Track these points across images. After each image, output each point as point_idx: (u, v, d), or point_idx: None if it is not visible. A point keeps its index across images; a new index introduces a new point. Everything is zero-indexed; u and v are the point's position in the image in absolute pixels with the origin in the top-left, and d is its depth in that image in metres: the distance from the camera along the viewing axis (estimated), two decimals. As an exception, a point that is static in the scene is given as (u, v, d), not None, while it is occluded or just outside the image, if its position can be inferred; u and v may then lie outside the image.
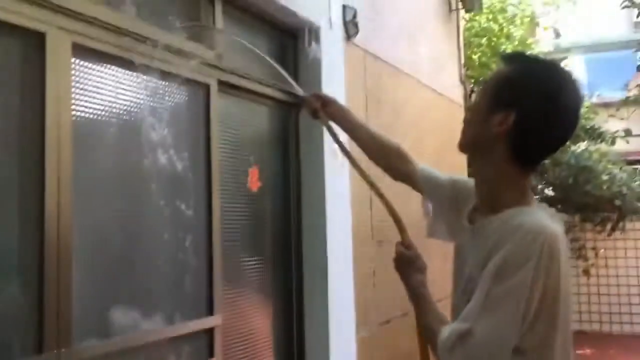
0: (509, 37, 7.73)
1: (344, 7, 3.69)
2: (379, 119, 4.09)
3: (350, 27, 3.72)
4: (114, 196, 2.23)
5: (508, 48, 7.37)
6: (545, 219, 1.34)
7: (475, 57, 8.20)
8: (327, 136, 3.29)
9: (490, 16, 7.57)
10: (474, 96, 4.87)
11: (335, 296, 3.29)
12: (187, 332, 2.47)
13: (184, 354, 2.48)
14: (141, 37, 2.33)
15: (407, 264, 1.58)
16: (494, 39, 7.46)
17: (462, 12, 6.30)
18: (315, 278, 3.28)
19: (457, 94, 5.93)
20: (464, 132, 1.49)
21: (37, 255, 1.89)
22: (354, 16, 3.73)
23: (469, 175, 1.61)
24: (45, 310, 1.88)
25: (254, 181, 3.00)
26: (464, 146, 1.50)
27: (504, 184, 1.41)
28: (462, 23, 6.58)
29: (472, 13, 6.13)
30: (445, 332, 1.34)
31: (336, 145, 1.95)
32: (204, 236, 2.60)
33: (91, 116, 2.15)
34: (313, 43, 3.31)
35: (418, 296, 1.52)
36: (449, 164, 4.97)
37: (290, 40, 3.41)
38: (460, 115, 5.94)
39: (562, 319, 1.31)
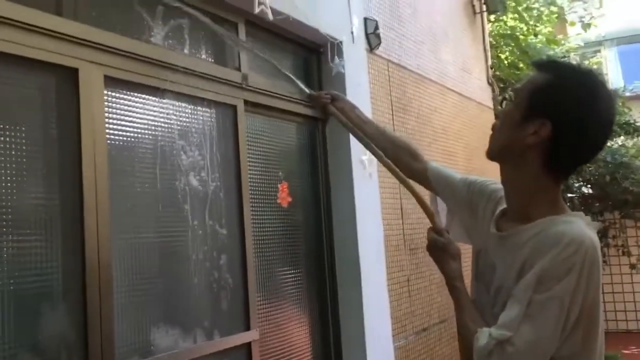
0: (536, 35, 7.65)
1: (366, 19, 3.75)
2: (406, 126, 4.13)
3: (373, 39, 3.78)
4: (150, 219, 2.32)
5: (536, 46, 7.29)
6: (585, 228, 1.33)
7: (503, 57, 8.16)
8: (354, 148, 3.37)
9: (517, 15, 7.51)
10: (501, 99, 4.83)
11: (370, 306, 3.32)
12: (225, 348, 2.54)
13: (223, 368, 2.55)
14: (169, 64, 2.43)
15: (441, 250, 1.55)
16: (522, 37, 7.39)
17: (486, 14, 6.28)
18: (350, 289, 3.32)
19: (485, 96, 5.90)
20: (494, 139, 1.47)
21: (80, 279, 1.98)
22: (376, 28, 3.78)
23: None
24: (89, 332, 1.97)
25: (284, 196, 3.06)
26: (493, 154, 1.47)
27: (537, 194, 1.40)
28: (488, 25, 6.55)
29: (497, 14, 6.10)
30: (483, 338, 1.33)
31: (352, 135, 1.90)
32: (237, 254, 2.68)
33: (125, 143, 2.24)
34: (336, 58, 3.36)
35: (454, 289, 1.50)
36: (479, 168, 4.96)
37: (314, 56, 3.48)
38: (489, 117, 5.92)
39: (600, 328, 1.33)
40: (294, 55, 3.40)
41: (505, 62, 7.95)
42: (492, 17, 6.83)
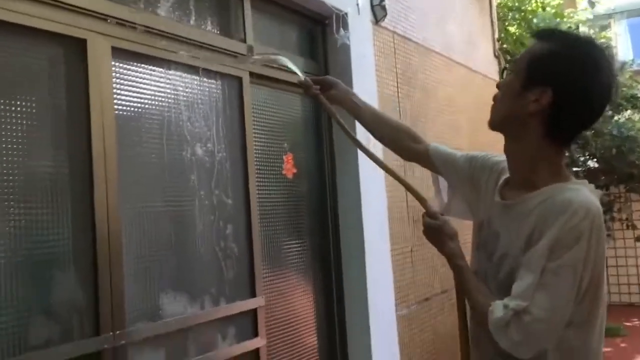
0: (544, 8, 7.56)
1: (371, -9, 3.73)
2: (411, 99, 4.14)
3: (378, 10, 3.77)
4: (158, 188, 2.37)
5: (544, 19, 7.22)
6: (590, 195, 1.36)
7: (512, 30, 8.08)
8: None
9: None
10: (502, 69, 4.80)
11: (373, 276, 3.38)
12: (231, 314, 2.62)
13: (230, 334, 2.62)
14: (175, 36, 2.46)
15: (437, 232, 1.56)
16: (529, 10, 7.32)
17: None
18: (353, 258, 3.37)
19: (491, 69, 5.89)
20: (495, 110, 1.49)
21: (90, 247, 2.05)
22: (382, 0, 3.77)
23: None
24: (99, 297, 2.04)
25: (289, 167, 3.10)
26: (495, 124, 1.49)
27: (540, 162, 1.42)
28: (495, -3, 6.49)
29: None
30: (498, 310, 1.34)
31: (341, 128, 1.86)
32: (243, 223, 2.73)
33: (132, 114, 2.28)
34: (341, 29, 3.37)
35: (455, 268, 1.52)
36: (485, 141, 4.97)
37: (319, 28, 3.49)
38: (495, 90, 5.90)
39: (604, 293, 1.38)
40: (300, 27, 3.41)
41: (513, 36, 7.90)
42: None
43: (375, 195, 3.52)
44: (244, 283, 2.72)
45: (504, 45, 6.89)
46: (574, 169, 7.36)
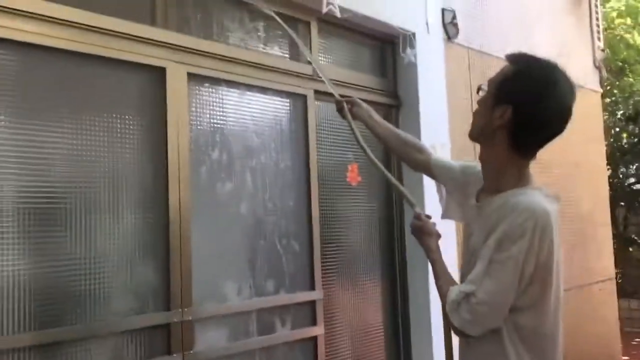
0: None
1: (443, 10, 3.94)
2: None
3: (450, 28, 3.97)
4: (227, 192, 2.78)
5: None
6: (540, 199, 1.58)
7: (628, 36, 7.77)
8: (425, 132, 3.62)
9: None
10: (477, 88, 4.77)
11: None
12: (291, 303, 2.97)
13: (289, 321, 2.97)
14: (246, 62, 2.88)
15: (419, 231, 1.86)
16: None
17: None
18: (418, 258, 3.55)
19: (589, 79, 5.77)
20: (473, 123, 1.73)
21: (164, 239, 2.49)
22: (453, 18, 3.97)
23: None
24: (171, 279, 2.48)
25: (353, 176, 3.41)
26: (472, 135, 1.74)
27: (505, 169, 1.65)
28: (600, 7, 6.32)
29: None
30: (453, 292, 1.61)
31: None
32: (304, 225, 3.08)
33: (205, 129, 2.73)
34: (408, 49, 3.62)
35: (430, 261, 1.80)
36: (582, 154, 4.94)
37: (389, 47, 3.77)
38: (593, 100, 5.78)
39: (554, 282, 1.57)
40: (370, 48, 3.71)
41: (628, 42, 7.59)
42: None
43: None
44: (305, 277, 3.06)
45: (611, 55, 6.68)
46: None
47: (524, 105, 1.58)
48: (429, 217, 1.90)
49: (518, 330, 1.56)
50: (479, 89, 1.74)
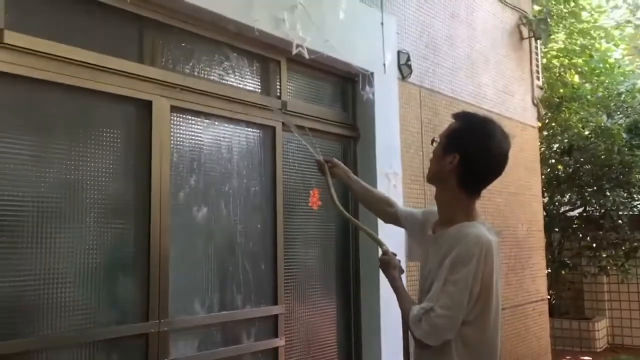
0: (592, 56, 7.90)
1: (399, 52, 4.35)
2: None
3: (404, 69, 4.38)
4: (203, 213, 3.06)
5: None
6: (484, 231, 1.95)
7: (567, 75, 8.45)
8: (379, 162, 3.99)
9: (571, 35, 7.82)
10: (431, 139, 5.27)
11: (387, 309, 3.85)
12: (256, 316, 3.25)
13: (254, 333, 3.25)
14: (223, 96, 3.18)
15: (385, 265, 2.25)
16: (574, 57, 7.70)
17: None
18: (370, 277, 3.90)
19: (528, 115, 6.31)
20: (429, 168, 2.13)
21: (145, 256, 2.75)
22: (407, 59, 4.38)
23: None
24: (150, 292, 2.74)
25: (314, 200, 3.74)
26: (429, 178, 2.14)
27: (456, 206, 2.04)
28: (540, 48, 6.91)
29: (541, 40, 6.48)
30: (415, 309, 1.95)
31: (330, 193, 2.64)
32: (270, 245, 3.38)
33: (185, 155, 3.01)
34: (367, 86, 3.99)
35: (394, 288, 2.17)
36: (520, 184, 5.41)
37: (349, 84, 4.14)
38: (531, 135, 6.33)
39: (494, 300, 1.94)
40: (333, 84, 4.07)
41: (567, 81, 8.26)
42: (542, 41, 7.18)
43: (395, 230, 4.06)
44: (268, 292, 3.36)
45: (548, 93, 7.28)
46: None
47: (468, 154, 1.98)
48: (394, 254, 2.27)
49: (463, 339, 1.91)
50: (432, 140, 2.12)
